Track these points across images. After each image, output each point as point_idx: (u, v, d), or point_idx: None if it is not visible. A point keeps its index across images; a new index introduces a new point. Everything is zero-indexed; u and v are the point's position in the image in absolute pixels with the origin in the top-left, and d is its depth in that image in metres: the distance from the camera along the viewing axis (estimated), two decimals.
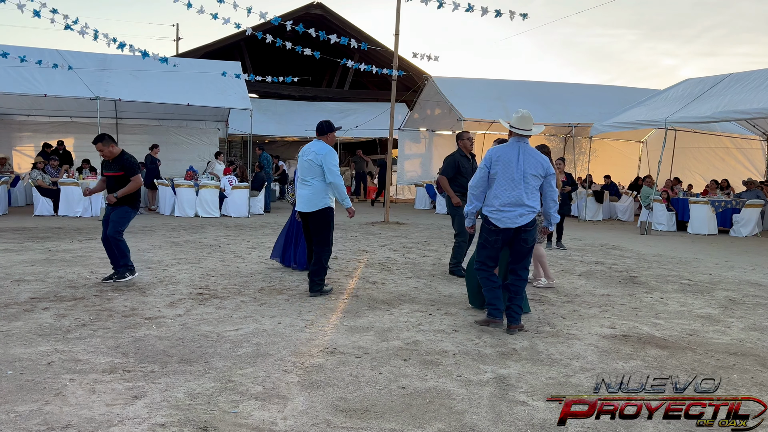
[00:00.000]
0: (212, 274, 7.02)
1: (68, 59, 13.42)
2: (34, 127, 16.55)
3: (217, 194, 13.88)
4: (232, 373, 3.84)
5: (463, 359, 4.24)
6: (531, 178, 4.89)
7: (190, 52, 22.38)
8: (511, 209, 4.84)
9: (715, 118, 12.36)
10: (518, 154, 4.90)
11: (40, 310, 5.19)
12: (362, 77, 25.23)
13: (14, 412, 3.17)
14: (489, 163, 4.91)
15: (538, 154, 5.01)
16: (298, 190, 6.22)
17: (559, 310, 5.79)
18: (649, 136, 18.35)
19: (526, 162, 4.88)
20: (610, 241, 11.26)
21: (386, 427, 3.14)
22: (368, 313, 5.46)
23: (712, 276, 7.87)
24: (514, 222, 4.85)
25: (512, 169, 4.86)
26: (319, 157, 5.96)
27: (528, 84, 18.52)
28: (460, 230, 7.22)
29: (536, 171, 4.92)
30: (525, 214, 4.85)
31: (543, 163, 4.97)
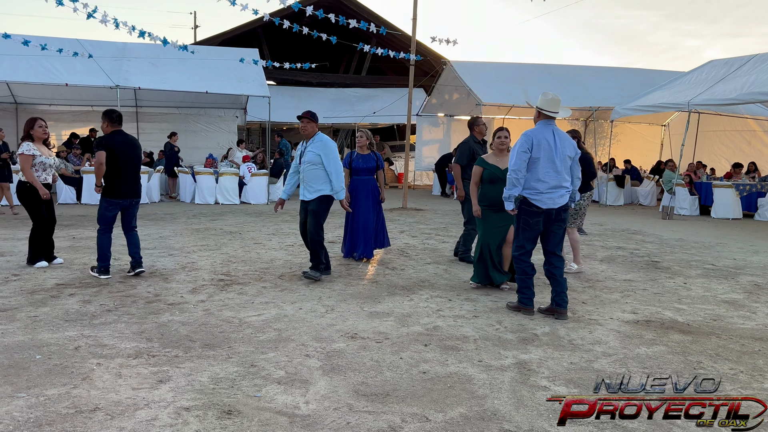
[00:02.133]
0: (233, 260, 7.09)
1: (88, 48, 13.53)
2: (56, 116, 16.75)
3: (236, 181, 13.97)
4: (255, 357, 3.88)
5: (484, 344, 4.23)
6: (567, 159, 5.01)
7: (207, 40, 22.43)
8: (554, 191, 4.93)
9: (740, 100, 12.11)
10: (554, 137, 4.97)
11: (66, 297, 5.29)
12: (380, 63, 25.09)
13: (43, 395, 3.24)
14: (530, 146, 4.91)
15: (566, 135, 5.14)
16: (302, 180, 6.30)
17: (580, 295, 5.75)
18: (672, 119, 18.04)
19: (561, 144, 4.98)
20: (632, 226, 11.14)
21: (407, 411, 3.16)
22: (388, 298, 5.47)
23: (737, 261, 7.75)
24: (556, 203, 4.93)
25: (552, 152, 4.92)
26: (324, 146, 6.15)
27: (548, 67, 18.26)
28: (470, 217, 7.08)
29: (571, 152, 5.04)
30: (564, 194, 4.98)
31: (573, 145, 5.13)
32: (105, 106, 15.69)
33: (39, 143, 6.53)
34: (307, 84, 23.82)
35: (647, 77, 17.36)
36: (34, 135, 6.49)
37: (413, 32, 13.63)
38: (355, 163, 7.20)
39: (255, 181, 14.14)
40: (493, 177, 5.78)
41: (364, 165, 7.17)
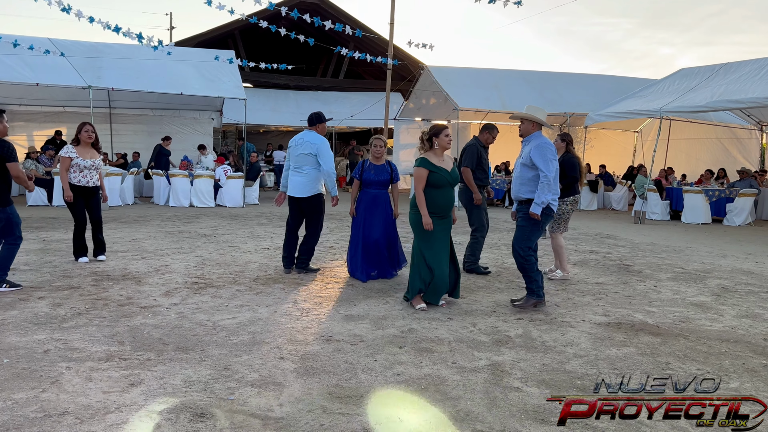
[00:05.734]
0: (207, 263, 7.02)
1: (61, 48, 13.31)
2: (27, 117, 16.42)
3: (212, 184, 13.85)
4: (229, 360, 3.85)
5: (458, 346, 4.26)
6: None
7: (184, 42, 22.21)
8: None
9: (710, 107, 12.39)
10: None
11: (36, 299, 5.19)
12: (357, 66, 25.13)
13: (11, 399, 3.18)
14: (555, 156, 5.33)
15: None
16: (291, 177, 6.52)
17: (553, 298, 5.82)
18: (644, 125, 18.39)
19: None
20: (605, 231, 11.31)
21: (382, 413, 3.17)
22: (364, 301, 5.48)
23: (705, 264, 7.92)
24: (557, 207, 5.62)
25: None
26: (314, 146, 6.35)
27: (524, 73, 18.47)
28: (479, 225, 6.89)
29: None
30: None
31: None
32: (78, 106, 15.49)
33: (85, 146, 6.89)
34: (284, 87, 23.73)
35: (621, 84, 17.68)
36: (80, 138, 6.87)
37: (390, 36, 13.72)
38: (366, 174, 6.42)
39: (230, 184, 14.03)
40: (441, 182, 5.14)
41: (376, 177, 6.39)
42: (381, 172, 6.44)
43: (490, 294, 5.90)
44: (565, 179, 6.56)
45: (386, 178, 6.46)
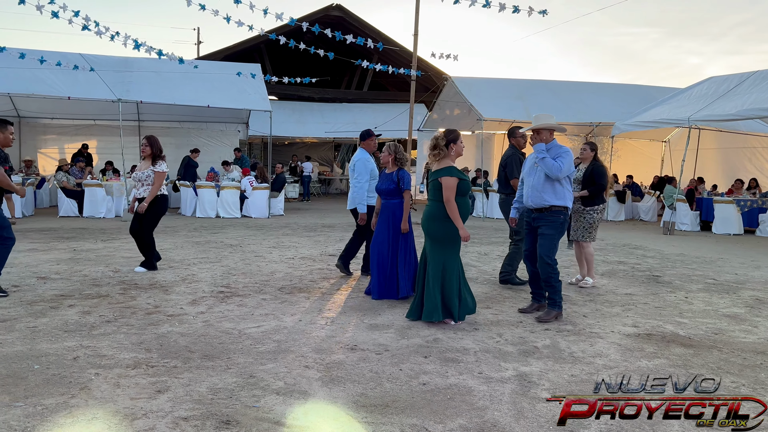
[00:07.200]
0: (233, 272, 7.08)
1: (90, 62, 13.61)
2: (59, 130, 16.83)
3: (237, 195, 14.00)
4: (254, 368, 3.86)
5: (484, 357, 4.21)
6: None
7: (210, 55, 22.62)
8: None
9: (740, 116, 12.14)
10: None
11: (66, 307, 5.28)
12: (381, 78, 25.29)
13: (41, 404, 3.22)
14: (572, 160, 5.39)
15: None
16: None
17: (581, 308, 5.73)
18: (672, 135, 18.10)
19: None
20: (633, 241, 11.12)
21: (407, 422, 3.13)
22: (388, 311, 5.45)
23: (738, 276, 7.73)
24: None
25: None
26: (353, 163, 6.87)
27: (548, 83, 18.38)
28: (519, 230, 6.48)
29: None
30: None
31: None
32: (108, 120, 15.83)
33: (144, 159, 7.05)
34: (309, 99, 23.96)
35: (647, 93, 17.45)
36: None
37: (414, 48, 13.76)
38: (378, 183, 6.22)
39: (256, 195, 14.16)
40: (466, 189, 4.94)
41: (382, 186, 6.08)
42: (386, 180, 6.06)
43: (516, 304, 5.83)
44: (593, 186, 6.58)
45: (391, 187, 5.97)
